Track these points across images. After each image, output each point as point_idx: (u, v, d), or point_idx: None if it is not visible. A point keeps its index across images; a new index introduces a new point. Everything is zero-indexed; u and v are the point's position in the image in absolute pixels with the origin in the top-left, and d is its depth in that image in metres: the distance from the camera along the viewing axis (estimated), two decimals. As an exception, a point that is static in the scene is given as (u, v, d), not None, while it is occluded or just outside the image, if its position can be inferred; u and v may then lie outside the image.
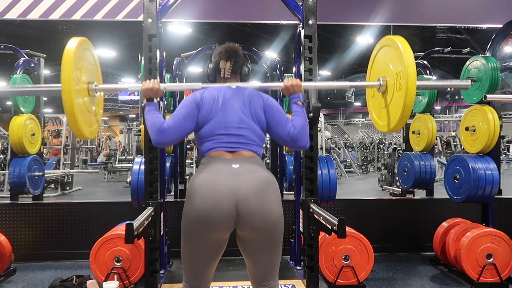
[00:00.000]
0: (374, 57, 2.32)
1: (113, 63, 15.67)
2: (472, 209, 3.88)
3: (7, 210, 4.09)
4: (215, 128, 1.86)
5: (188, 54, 4.53)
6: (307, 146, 1.95)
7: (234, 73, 2.04)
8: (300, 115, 1.96)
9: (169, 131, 1.83)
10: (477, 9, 4.62)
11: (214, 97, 1.90)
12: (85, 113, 2.01)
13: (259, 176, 1.78)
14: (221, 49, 2.03)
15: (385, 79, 2.16)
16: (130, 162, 11.57)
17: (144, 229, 2.41)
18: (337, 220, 2.14)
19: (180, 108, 1.90)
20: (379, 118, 2.30)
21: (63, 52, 1.93)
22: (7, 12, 4.22)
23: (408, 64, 1.96)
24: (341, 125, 29.67)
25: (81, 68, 1.96)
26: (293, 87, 2.06)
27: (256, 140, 1.89)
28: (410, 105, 1.97)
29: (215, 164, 1.80)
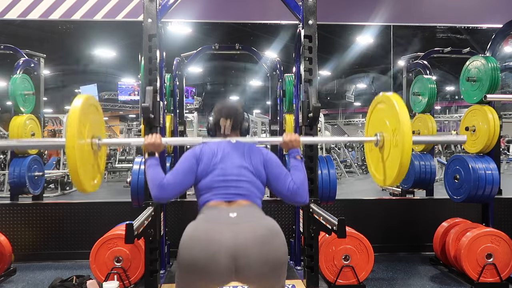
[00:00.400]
0: (371, 112, 2.37)
1: (113, 63, 15.68)
2: (472, 209, 3.88)
3: (7, 210, 4.10)
4: (213, 180, 1.86)
5: (188, 54, 4.53)
6: (307, 201, 1.95)
7: (234, 130, 2.06)
8: (300, 169, 1.97)
9: (169, 187, 1.84)
10: (477, 9, 4.62)
11: (214, 151, 1.92)
12: (88, 168, 2.06)
13: (259, 224, 1.71)
14: (221, 107, 2.07)
15: (382, 135, 2.21)
16: (130, 162, 11.57)
17: (144, 229, 2.41)
18: (337, 220, 2.15)
19: (180, 163, 1.91)
20: (377, 171, 2.34)
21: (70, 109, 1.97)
22: (7, 12, 4.23)
23: (404, 122, 2.00)
24: (341, 125, 29.66)
25: (85, 124, 2.02)
26: (292, 143, 2.07)
27: (255, 192, 1.88)
28: (407, 162, 2.01)
29: (212, 213, 1.77)
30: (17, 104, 4.21)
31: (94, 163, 2.13)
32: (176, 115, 4.27)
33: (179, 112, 4.37)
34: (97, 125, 2.16)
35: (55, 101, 19.17)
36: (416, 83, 4.75)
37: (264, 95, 21.47)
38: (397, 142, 2.04)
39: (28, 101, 4.38)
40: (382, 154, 2.22)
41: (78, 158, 1.88)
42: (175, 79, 4.30)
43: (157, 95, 2.87)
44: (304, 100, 2.96)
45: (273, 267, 1.66)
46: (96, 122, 2.15)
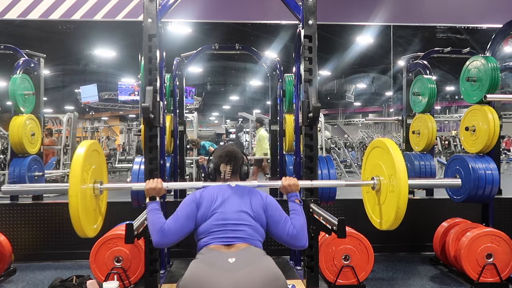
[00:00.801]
0: (367, 156, 2.41)
1: (113, 63, 15.69)
2: (472, 209, 3.88)
3: (7, 210, 4.09)
4: (212, 224, 1.88)
5: (188, 54, 4.53)
6: (306, 246, 1.98)
7: (234, 174, 2.12)
8: (299, 213, 2.00)
9: (169, 232, 1.87)
10: (477, 9, 4.62)
11: (214, 196, 1.95)
12: (90, 212, 2.10)
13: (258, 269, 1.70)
14: (221, 153, 2.12)
15: (379, 179, 2.24)
16: (130, 162, 11.57)
17: (144, 229, 2.40)
18: (337, 220, 2.15)
19: (180, 208, 1.94)
20: (373, 213, 2.38)
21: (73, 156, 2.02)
22: (7, 12, 4.23)
23: (399, 168, 2.03)
24: (341, 125, 29.67)
25: (88, 170, 2.07)
26: (291, 187, 2.11)
27: (255, 235, 1.89)
28: (403, 207, 2.05)
29: (211, 256, 1.78)
30: (17, 104, 4.21)
31: (95, 207, 2.18)
32: (176, 115, 4.27)
33: (179, 112, 4.37)
34: (98, 170, 2.21)
35: (55, 101, 19.19)
36: (416, 83, 4.75)
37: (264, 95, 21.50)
38: (393, 187, 2.07)
39: (28, 101, 4.38)
40: (378, 198, 2.27)
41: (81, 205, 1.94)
42: (175, 79, 4.30)
43: (157, 95, 2.87)
44: (304, 100, 2.96)
45: None
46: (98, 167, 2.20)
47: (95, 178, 2.15)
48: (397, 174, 2.01)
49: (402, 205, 2.01)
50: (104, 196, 2.33)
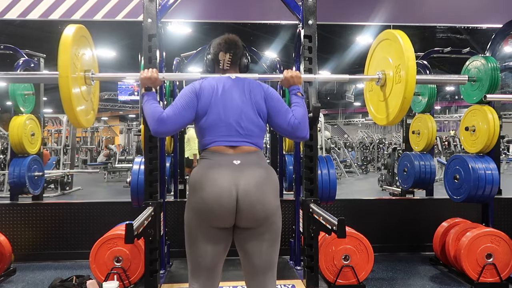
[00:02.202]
0: (372, 51, 2.33)
1: (113, 63, 15.66)
2: (472, 209, 3.88)
3: (7, 210, 4.09)
4: (215, 120, 1.85)
5: (188, 54, 4.53)
6: (307, 136, 1.96)
7: (233, 65, 2.03)
8: (300, 105, 1.96)
9: (168, 120, 1.82)
10: (477, 9, 4.62)
11: (214, 87, 1.89)
12: (82, 101, 2.00)
13: (259, 170, 1.81)
14: (220, 41, 2.02)
15: (384, 72, 2.18)
16: (130, 162, 11.58)
17: (144, 229, 2.41)
18: (337, 220, 2.15)
19: (179, 98, 1.88)
20: (377, 111, 2.31)
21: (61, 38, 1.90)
22: (7, 12, 4.23)
23: (408, 57, 1.97)
24: (341, 125, 29.66)
25: (78, 56, 1.95)
26: (293, 78, 2.07)
27: (256, 131, 1.89)
28: (410, 97, 1.98)
29: (216, 159, 1.82)
30: (17, 104, 4.21)
31: (87, 98, 2.09)
32: (176, 115, 4.26)
33: (179, 112, 4.37)
34: (89, 59, 2.11)
35: (55, 101, 19.16)
36: (416, 83, 4.74)
37: (264, 95, 21.42)
38: (400, 78, 2.01)
39: (28, 101, 4.38)
40: (384, 92, 2.19)
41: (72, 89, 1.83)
42: (175, 79, 4.30)
43: (157, 95, 2.87)
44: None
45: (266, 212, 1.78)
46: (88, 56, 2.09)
47: (86, 67, 2.04)
48: (405, 62, 1.95)
49: (408, 94, 1.96)
50: (96, 87, 2.23)
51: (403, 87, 1.97)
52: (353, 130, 25.75)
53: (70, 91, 1.82)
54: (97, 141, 16.48)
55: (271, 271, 1.88)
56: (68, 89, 1.82)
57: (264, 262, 1.85)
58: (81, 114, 1.95)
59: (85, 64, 2.04)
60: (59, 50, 1.84)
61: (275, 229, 1.85)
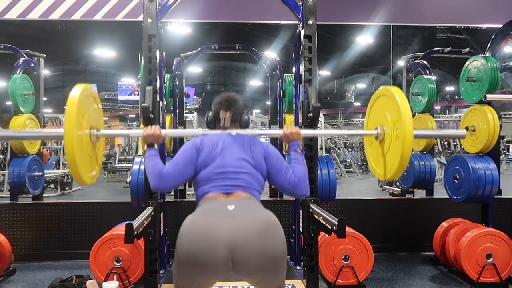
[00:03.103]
0: (371, 106, 2.37)
1: (113, 63, 15.67)
2: (472, 209, 3.88)
3: (7, 210, 4.09)
4: (212, 172, 1.85)
5: (188, 54, 4.53)
6: (307, 194, 1.96)
7: (234, 122, 2.06)
8: (300, 162, 1.97)
9: (168, 176, 1.83)
10: (477, 9, 4.62)
11: (214, 142, 1.91)
12: (87, 159, 2.04)
13: (258, 216, 1.69)
14: (221, 99, 2.06)
15: (383, 128, 2.20)
16: (130, 162, 11.58)
17: (144, 229, 2.41)
18: (337, 220, 2.15)
19: (180, 153, 1.90)
20: (377, 165, 2.34)
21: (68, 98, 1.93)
22: (7, 12, 4.23)
23: (405, 114, 2.00)
24: (341, 125, 29.62)
25: (84, 114, 2.00)
26: (292, 135, 2.07)
27: (255, 184, 1.86)
28: (408, 154, 2.01)
29: (209, 205, 1.76)
30: (17, 104, 4.21)
31: (92, 154, 2.11)
32: (176, 115, 4.27)
33: (179, 112, 4.38)
34: (95, 116, 2.14)
35: (55, 101, 19.16)
36: (416, 83, 4.75)
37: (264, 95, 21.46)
38: (398, 134, 2.03)
39: (28, 101, 4.38)
40: (382, 148, 2.21)
41: (77, 149, 1.85)
42: (175, 79, 4.31)
43: (157, 95, 2.88)
44: (304, 100, 2.96)
45: (271, 260, 1.63)
46: (94, 113, 2.12)
47: (91, 124, 2.07)
48: (402, 120, 1.97)
49: (406, 151, 1.97)
50: (101, 143, 2.25)
51: (401, 145, 2.00)
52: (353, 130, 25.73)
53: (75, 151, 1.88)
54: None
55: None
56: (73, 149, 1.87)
57: None
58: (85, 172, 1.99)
59: (91, 121, 2.09)
60: (66, 111, 1.90)
61: (279, 272, 1.71)
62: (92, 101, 2.13)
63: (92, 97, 2.13)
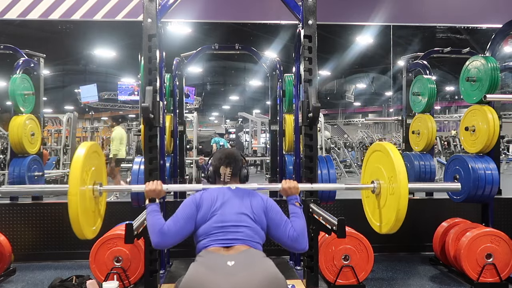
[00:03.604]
0: (367, 160, 2.43)
1: (113, 63, 15.68)
2: (472, 209, 3.88)
3: (7, 210, 4.09)
4: (212, 226, 1.87)
5: (188, 54, 4.53)
6: (306, 248, 1.98)
7: (234, 176, 2.11)
8: (299, 217, 2.00)
9: (169, 233, 1.86)
10: (477, 9, 4.62)
11: (214, 198, 1.94)
12: (89, 214, 2.09)
13: (257, 272, 1.69)
14: (221, 156, 2.12)
15: (379, 182, 2.25)
16: (130, 162, 11.56)
17: (144, 229, 2.40)
18: (336, 220, 2.15)
19: (180, 209, 1.93)
20: (373, 217, 2.39)
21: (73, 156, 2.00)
22: (7, 12, 4.23)
23: (399, 171, 2.04)
24: (340, 125, 29.66)
25: (88, 171, 2.07)
26: (291, 190, 2.11)
27: (255, 237, 1.88)
28: (404, 209, 2.05)
29: (210, 259, 1.77)
30: (16, 104, 4.20)
31: (95, 209, 2.17)
32: (176, 115, 4.27)
33: (179, 112, 4.37)
34: (98, 171, 2.20)
35: (55, 101, 19.17)
36: (416, 83, 4.75)
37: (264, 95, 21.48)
38: (393, 190, 2.08)
39: (28, 101, 4.37)
40: (378, 201, 2.27)
41: (80, 207, 1.93)
42: (175, 79, 4.30)
43: (156, 95, 2.87)
44: (303, 100, 2.96)
45: None
46: (97, 168, 2.19)
47: (95, 179, 2.15)
48: (397, 177, 2.03)
49: (402, 207, 2.03)
50: (104, 197, 2.33)
51: (397, 200, 2.04)
52: (353, 130, 25.73)
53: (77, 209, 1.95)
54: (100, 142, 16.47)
55: None
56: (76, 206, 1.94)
57: None
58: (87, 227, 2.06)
59: (95, 176, 2.16)
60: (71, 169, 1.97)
61: None
62: (96, 156, 2.19)
63: (96, 153, 2.20)
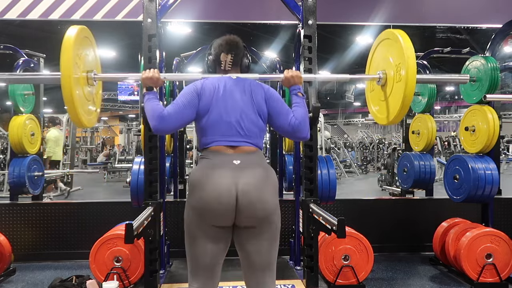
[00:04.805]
0: (373, 51, 2.36)
1: (113, 63, 15.65)
2: (471, 209, 3.88)
3: (6, 210, 4.09)
4: (216, 119, 1.86)
5: (188, 54, 4.53)
6: (308, 136, 1.97)
7: (234, 65, 2.04)
8: (301, 106, 1.97)
9: (169, 118, 1.83)
10: (477, 9, 4.62)
11: (215, 86, 1.90)
12: (84, 102, 2.01)
13: (258, 170, 1.82)
14: (222, 42, 2.03)
15: (385, 72, 2.20)
16: (129, 162, 11.56)
17: (143, 229, 2.41)
18: (336, 220, 2.15)
19: (180, 96, 1.89)
20: (379, 111, 2.33)
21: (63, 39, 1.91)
22: (7, 12, 4.23)
23: (408, 56, 2.00)
24: (340, 125, 29.65)
25: (80, 56, 1.96)
26: (293, 78, 2.07)
27: (256, 131, 1.91)
28: (410, 95, 2.01)
29: (216, 159, 1.83)
30: (16, 104, 4.21)
31: (89, 98, 2.10)
32: (176, 115, 4.26)
33: (179, 112, 4.36)
34: (92, 60, 2.12)
35: (55, 101, 19.16)
36: (416, 83, 4.74)
37: (264, 95, 21.42)
38: (400, 77, 2.03)
39: (28, 101, 4.37)
40: (384, 92, 2.22)
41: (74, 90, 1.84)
42: (175, 79, 4.30)
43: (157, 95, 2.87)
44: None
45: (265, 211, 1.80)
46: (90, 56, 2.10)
47: (88, 67, 2.05)
48: (405, 61, 1.98)
49: (409, 92, 1.99)
50: (99, 86, 2.24)
51: (403, 86, 1.99)
52: (353, 130, 25.73)
53: (72, 91, 1.83)
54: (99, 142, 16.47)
55: (270, 270, 1.89)
56: (71, 89, 1.83)
57: (264, 260, 1.86)
58: (83, 114, 1.96)
59: (88, 64, 2.05)
60: (62, 51, 1.85)
61: (274, 228, 1.87)
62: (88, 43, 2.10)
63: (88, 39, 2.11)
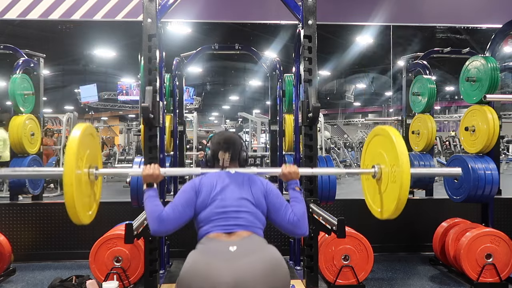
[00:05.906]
0: (368, 144, 2.36)
1: (112, 63, 15.68)
2: (471, 209, 3.88)
3: (6, 210, 4.09)
4: (213, 212, 1.85)
5: (188, 54, 4.53)
6: (306, 233, 1.95)
7: (233, 161, 2.07)
8: (299, 201, 1.98)
9: (168, 220, 1.83)
10: (477, 9, 4.62)
11: (213, 183, 1.91)
12: (85, 199, 2.05)
13: (260, 258, 1.69)
14: (219, 140, 2.06)
15: (380, 167, 2.18)
16: (129, 162, 11.56)
17: (143, 229, 2.41)
18: (336, 220, 2.15)
19: (179, 195, 1.91)
20: (374, 202, 2.31)
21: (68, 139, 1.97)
22: (7, 12, 4.23)
23: (403, 159, 1.98)
24: (340, 125, 29.63)
25: (83, 154, 2.02)
26: (291, 174, 2.08)
27: (256, 222, 1.87)
28: (405, 198, 2.00)
29: (211, 245, 1.75)
30: (16, 104, 4.21)
31: (90, 193, 2.14)
32: (175, 115, 4.27)
33: (178, 112, 4.38)
34: (94, 154, 2.17)
35: (55, 101, 19.17)
36: (416, 83, 4.75)
37: (264, 95, 21.47)
38: (395, 177, 2.03)
39: (28, 101, 4.38)
40: (379, 186, 2.21)
41: (76, 191, 1.89)
42: (175, 79, 4.30)
43: (156, 95, 2.88)
44: (303, 100, 2.96)
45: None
46: (93, 151, 2.15)
47: (90, 163, 2.09)
48: (400, 165, 1.97)
49: (403, 196, 1.98)
50: (99, 181, 2.27)
51: (398, 188, 1.99)
52: (353, 130, 25.71)
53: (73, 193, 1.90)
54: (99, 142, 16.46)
55: None
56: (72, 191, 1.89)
57: None
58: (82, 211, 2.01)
59: (90, 160, 2.11)
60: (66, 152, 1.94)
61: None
62: (91, 139, 2.16)
63: (91, 135, 2.16)
